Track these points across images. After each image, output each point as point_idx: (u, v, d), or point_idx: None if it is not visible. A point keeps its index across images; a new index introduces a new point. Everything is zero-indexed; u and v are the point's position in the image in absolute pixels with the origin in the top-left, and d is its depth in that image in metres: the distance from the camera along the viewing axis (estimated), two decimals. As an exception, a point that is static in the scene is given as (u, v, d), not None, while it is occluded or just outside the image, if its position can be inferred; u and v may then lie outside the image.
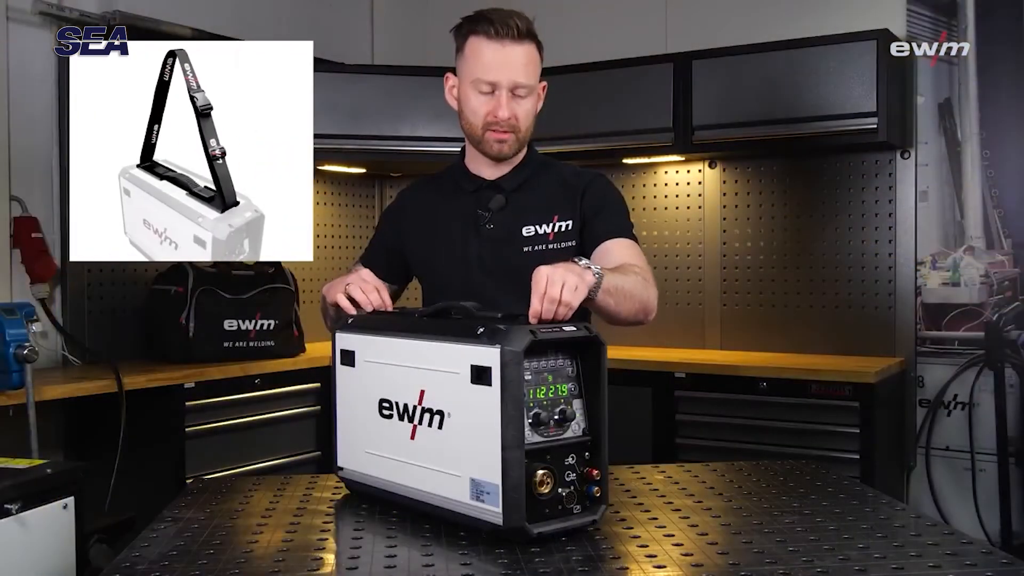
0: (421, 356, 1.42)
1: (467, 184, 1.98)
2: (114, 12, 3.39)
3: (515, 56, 1.83)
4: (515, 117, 1.86)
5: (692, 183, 3.96)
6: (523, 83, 1.85)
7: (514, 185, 1.95)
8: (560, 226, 1.91)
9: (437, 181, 2.06)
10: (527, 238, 1.91)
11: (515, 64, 1.84)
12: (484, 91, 1.85)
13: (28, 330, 2.72)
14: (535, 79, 1.88)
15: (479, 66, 1.85)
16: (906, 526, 1.44)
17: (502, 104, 1.84)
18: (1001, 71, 3.46)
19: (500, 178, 1.96)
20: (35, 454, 2.67)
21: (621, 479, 1.71)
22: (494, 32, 1.82)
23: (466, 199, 1.97)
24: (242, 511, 1.53)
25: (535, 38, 1.88)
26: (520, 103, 1.87)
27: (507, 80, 1.84)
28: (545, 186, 1.96)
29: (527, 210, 1.93)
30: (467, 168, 1.99)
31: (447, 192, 2.01)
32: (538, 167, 1.99)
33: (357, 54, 4.47)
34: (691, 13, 3.98)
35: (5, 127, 3.26)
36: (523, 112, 1.88)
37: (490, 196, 1.94)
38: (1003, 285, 3.48)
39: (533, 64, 1.87)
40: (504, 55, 1.83)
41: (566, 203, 1.93)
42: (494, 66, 1.83)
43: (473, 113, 1.89)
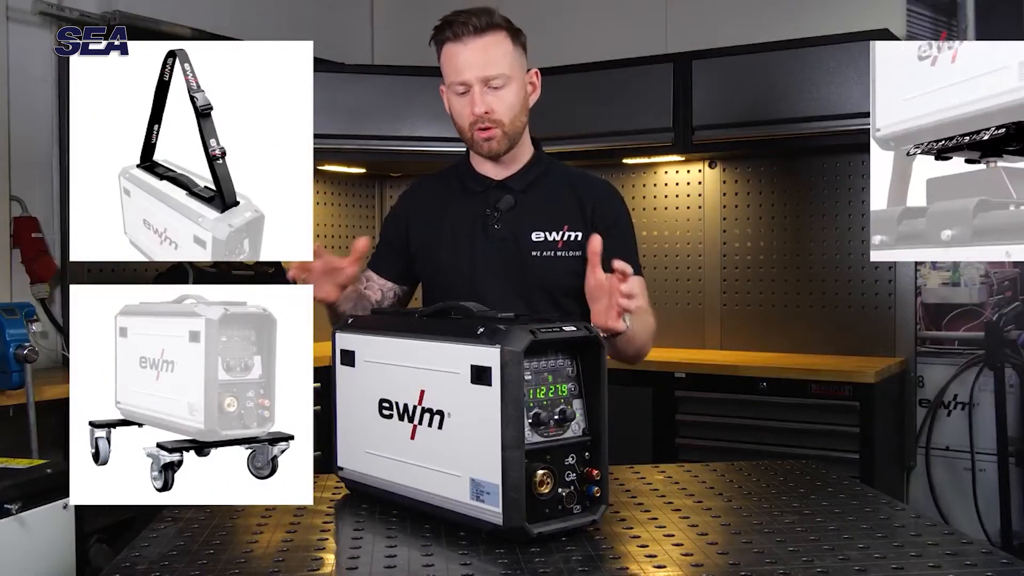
0: (421, 356, 1.42)
1: (474, 184, 1.97)
2: (114, 12, 3.39)
3: (477, 50, 1.83)
4: (492, 110, 1.84)
5: (692, 183, 3.96)
6: (492, 74, 1.83)
7: (522, 186, 1.95)
8: (569, 236, 1.91)
9: (442, 181, 2.05)
10: (536, 243, 1.90)
11: (478, 58, 1.83)
12: (460, 92, 1.86)
13: (28, 330, 2.72)
14: (508, 67, 1.85)
15: (451, 70, 1.86)
16: (906, 526, 1.44)
17: (476, 100, 1.84)
18: (1001, 71, 3.46)
19: (508, 178, 1.95)
20: (35, 454, 2.67)
21: (621, 479, 1.71)
22: (453, 35, 1.84)
23: (474, 199, 1.96)
24: (242, 511, 1.53)
25: (504, 27, 1.86)
26: (497, 95, 1.85)
27: (474, 76, 1.83)
28: (554, 189, 1.96)
29: (536, 213, 1.92)
30: (473, 168, 1.99)
31: (454, 192, 2.00)
32: (546, 167, 1.98)
33: (357, 54, 4.47)
34: (691, 13, 3.98)
35: (5, 127, 3.26)
36: (503, 104, 1.85)
37: (499, 196, 1.94)
38: (1003, 285, 3.48)
39: (502, 53, 1.85)
40: (467, 53, 1.83)
41: (577, 212, 1.93)
42: (462, 66, 1.84)
43: (458, 116, 1.89)
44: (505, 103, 1.86)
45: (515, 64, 1.87)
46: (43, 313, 3.24)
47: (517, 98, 1.88)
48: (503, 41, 1.85)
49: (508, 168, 1.95)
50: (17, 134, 3.29)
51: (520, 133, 1.92)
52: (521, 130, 1.92)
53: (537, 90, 1.94)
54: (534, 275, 1.89)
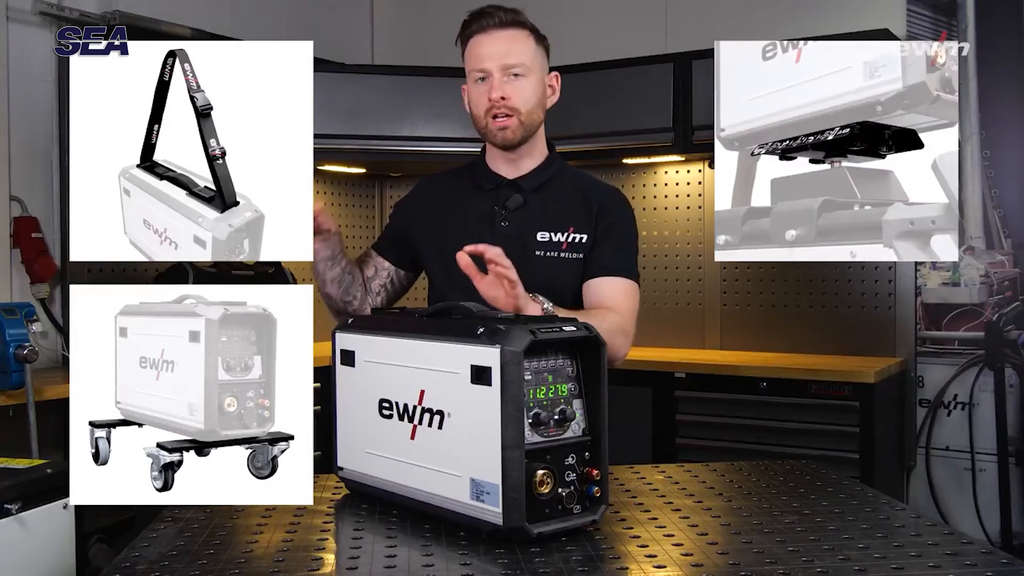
0: (421, 356, 1.42)
1: (486, 181, 1.99)
2: (114, 12, 3.39)
3: (501, 40, 1.88)
4: (509, 97, 1.87)
5: (692, 183, 3.96)
6: (513, 63, 1.87)
7: (533, 186, 1.96)
8: (574, 238, 1.92)
9: (457, 176, 2.08)
10: (541, 243, 1.91)
11: (501, 47, 1.88)
12: (479, 79, 1.90)
13: (28, 330, 2.72)
14: (528, 59, 1.89)
15: (472, 59, 1.91)
16: (906, 526, 1.44)
17: (493, 86, 1.87)
18: (1001, 71, 3.46)
19: (520, 178, 1.97)
20: (35, 454, 2.67)
21: (621, 479, 1.71)
22: (479, 27, 1.89)
23: (484, 196, 1.98)
24: (242, 511, 1.53)
25: (528, 28, 1.92)
26: (515, 83, 1.88)
27: (496, 64, 1.87)
28: (564, 191, 1.97)
29: (544, 214, 1.93)
30: (487, 166, 2.01)
31: (466, 187, 2.02)
32: (558, 170, 2.00)
33: (357, 54, 4.47)
34: (691, 13, 3.98)
35: (5, 127, 3.26)
36: (520, 95, 1.88)
37: (508, 195, 1.96)
38: (1003, 285, 3.48)
39: (523, 45, 1.90)
40: (491, 42, 1.88)
41: (584, 215, 1.94)
42: (484, 54, 1.88)
43: (475, 105, 1.93)
44: (522, 93, 1.89)
45: (536, 60, 1.92)
46: (43, 313, 3.24)
47: (534, 92, 1.91)
48: (526, 38, 1.91)
49: (520, 167, 1.97)
50: (17, 134, 3.29)
51: (535, 128, 1.95)
52: (537, 125, 1.95)
53: (556, 93, 1.99)
54: (537, 275, 1.90)
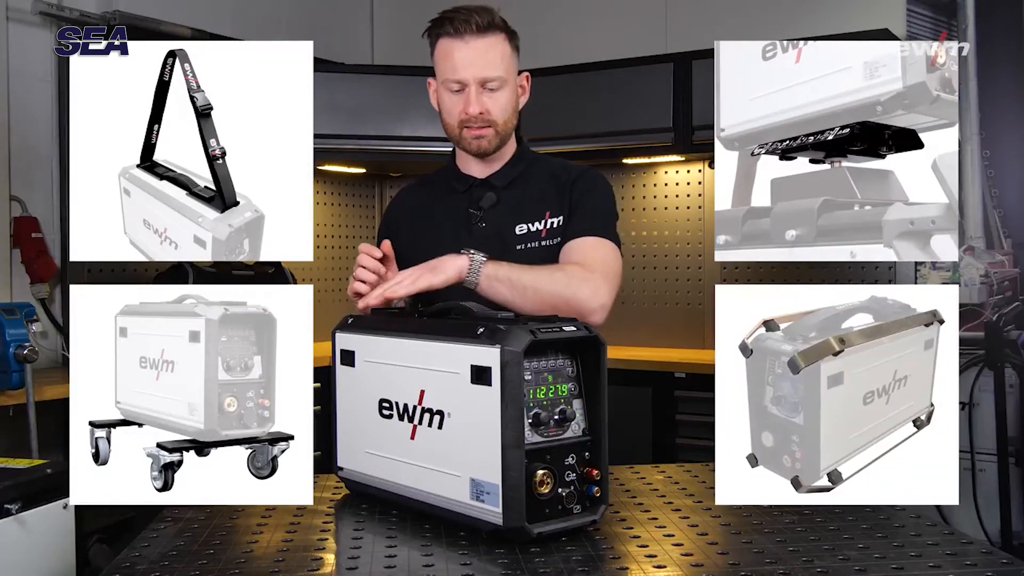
0: (421, 356, 1.42)
1: (458, 184, 1.97)
2: (114, 12, 3.40)
3: (478, 50, 1.82)
4: (487, 111, 1.84)
5: (692, 183, 3.96)
6: (490, 76, 1.83)
7: (505, 182, 1.94)
8: (552, 222, 1.89)
9: (429, 182, 2.06)
10: (520, 236, 1.90)
11: (479, 59, 1.82)
12: (454, 90, 1.85)
13: (28, 330, 2.73)
14: (504, 70, 1.85)
15: (447, 66, 1.85)
16: (906, 526, 1.44)
17: (471, 100, 1.83)
18: (1001, 71, 3.46)
19: (491, 176, 1.95)
20: (35, 454, 2.67)
21: (621, 479, 1.71)
22: (454, 30, 1.82)
23: (458, 198, 1.96)
24: (242, 511, 1.53)
25: (503, 29, 1.86)
26: (492, 96, 1.85)
27: (473, 76, 1.82)
28: (536, 182, 1.95)
29: (520, 207, 1.92)
30: (458, 167, 1.99)
31: (440, 192, 2.00)
32: (529, 163, 1.98)
33: (357, 54, 4.47)
34: (691, 13, 3.99)
35: (5, 127, 3.26)
36: (497, 106, 1.85)
37: (481, 194, 1.93)
38: (1003, 285, 3.48)
39: (500, 56, 1.84)
40: (467, 51, 1.82)
41: (557, 198, 1.91)
42: (459, 64, 1.83)
43: (448, 113, 1.89)
44: (499, 105, 1.86)
45: (511, 67, 1.88)
46: (43, 313, 3.25)
47: (510, 101, 1.88)
48: (502, 43, 1.85)
49: (491, 166, 1.95)
50: (17, 134, 3.29)
51: (510, 134, 1.93)
52: (511, 131, 1.93)
53: (526, 93, 1.95)
54: None
